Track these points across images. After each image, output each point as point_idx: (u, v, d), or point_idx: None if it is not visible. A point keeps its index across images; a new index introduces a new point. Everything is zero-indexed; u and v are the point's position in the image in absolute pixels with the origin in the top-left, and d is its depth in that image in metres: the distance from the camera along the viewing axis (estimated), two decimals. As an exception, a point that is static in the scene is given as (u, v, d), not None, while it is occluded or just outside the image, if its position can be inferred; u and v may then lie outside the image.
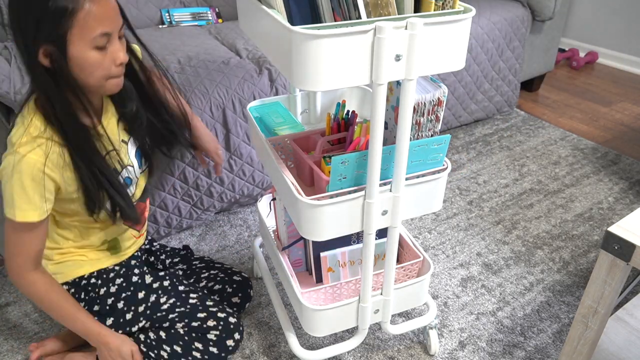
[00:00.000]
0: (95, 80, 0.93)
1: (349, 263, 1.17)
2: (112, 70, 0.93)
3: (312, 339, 1.33)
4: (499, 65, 2.20)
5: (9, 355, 1.31)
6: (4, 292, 1.51)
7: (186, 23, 2.05)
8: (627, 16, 2.85)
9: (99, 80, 0.93)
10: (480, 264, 1.56)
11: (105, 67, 0.92)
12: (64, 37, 0.86)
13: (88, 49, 0.88)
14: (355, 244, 1.17)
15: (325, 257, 1.15)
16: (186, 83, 1.52)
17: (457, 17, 0.78)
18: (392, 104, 1.00)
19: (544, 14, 2.24)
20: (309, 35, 0.71)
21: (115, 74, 0.94)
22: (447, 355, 1.28)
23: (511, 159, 2.09)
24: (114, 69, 0.93)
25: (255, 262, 1.49)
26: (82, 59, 0.89)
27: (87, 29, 0.86)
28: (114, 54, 0.92)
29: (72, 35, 0.86)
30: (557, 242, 1.65)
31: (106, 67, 0.92)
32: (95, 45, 0.89)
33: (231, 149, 1.60)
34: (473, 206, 1.82)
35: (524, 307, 1.41)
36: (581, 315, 0.86)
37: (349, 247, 1.15)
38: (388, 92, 0.99)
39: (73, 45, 0.87)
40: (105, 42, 0.90)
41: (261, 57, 1.67)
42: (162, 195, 1.56)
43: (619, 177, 1.96)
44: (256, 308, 1.42)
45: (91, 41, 0.88)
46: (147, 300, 1.16)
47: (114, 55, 0.92)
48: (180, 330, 1.15)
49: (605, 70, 2.98)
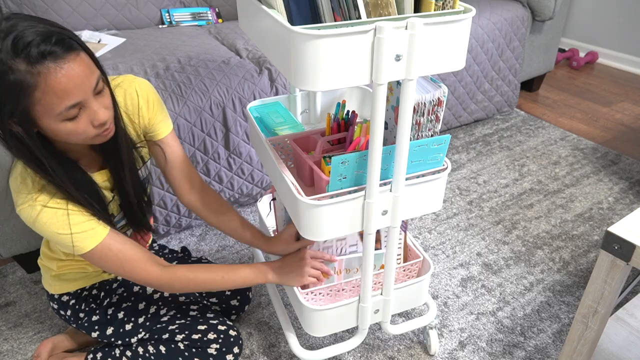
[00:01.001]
0: (76, 142, 0.85)
1: (345, 271, 1.16)
2: (91, 131, 0.84)
3: (312, 339, 1.33)
4: (499, 65, 2.20)
5: (9, 355, 1.31)
6: (4, 292, 1.51)
7: (186, 23, 2.05)
8: (627, 16, 2.85)
9: (81, 141, 0.86)
10: (480, 264, 1.56)
11: (82, 132, 0.83)
12: (28, 114, 0.77)
13: (57, 122, 0.80)
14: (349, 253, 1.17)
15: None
16: (186, 82, 1.52)
17: (457, 17, 0.78)
18: (392, 104, 1.00)
19: (544, 14, 2.24)
20: (309, 36, 0.71)
21: (96, 133, 0.86)
22: (447, 355, 1.28)
23: (511, 159, 2.09)
24: (92, 131, 0.84)
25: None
26: (54, 132, 0.81)
27: (50, 107, 0.77)
28: (90, 115, 0.83)
29: (36, 112, 0.77)
30: (557, 242, 1.65)
31: (83, 132, 0.83)
32: (65, 119, 0.80)
33: (230, 147, 1.60)
34: (473, 206, 1.82)
35: (524, 307, 1.41)
36: (581, 315, 0.86)
37: (345, 256, 1.15)
38: (388, 92, 0.99)
39: (41, 121, 0.79)
40: (76, 112, 0.80)
41: (261, 57, 1.67)
42: (161, 194, 1.56)
43: (619, 177, 1.96)
44: (256, 308, 1.42)
45: (58, 116, 0.79)
46: (147, 312, 1.16)
47: (91, 117, 0.83)
48: (180, 345, 1.12)
49: (605, 70, 2.98)
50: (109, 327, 1.14)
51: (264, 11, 0.82)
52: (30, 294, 1.49)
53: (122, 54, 1.66)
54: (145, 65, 1.57)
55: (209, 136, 1.56)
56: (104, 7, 1.95)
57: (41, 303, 1.46)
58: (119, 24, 1.99)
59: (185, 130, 1.50)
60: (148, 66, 1.56)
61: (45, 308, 1.44)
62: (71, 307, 1.15)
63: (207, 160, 1.59)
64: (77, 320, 1.15)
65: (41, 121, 0.79)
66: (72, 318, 1.16)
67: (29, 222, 0.89)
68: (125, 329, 1.14)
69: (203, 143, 1.56)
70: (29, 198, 0.87)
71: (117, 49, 1.71)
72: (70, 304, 1.15)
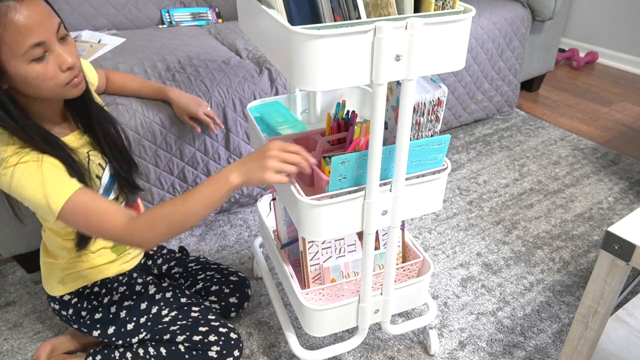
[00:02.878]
0: (48, 91, 0.87)
1: (353, 274, 1.16)
2: (60, 77, 0.86)
3: (312, 339, 1.33)
4: (499, 65, 2.20)
5: (9, 355, 1.31)
6: (4, 292, 1.51)
7: (186, 23, 2.05)
8: (627, 16, 2.85)
9: (52, 90, 0.87)
10: (480, 264, 1.56)
11: (51, 76, 0.85)
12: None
13: (25, 64, 0.82)
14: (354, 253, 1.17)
15: (329, 267, 1.14)
16: (187, 82, 1.52)
17: (457, 17, 0.78)
18: (392, 104, 1.00)
19: (544, 14, 2.24)
20: (309, 36, 0.71)
21: (66, 79, 0.87)
22: (447, 355, 1.28)
23: (511, 159, 2.09)
24: (62, 76, 0.86)
25: (255, 262, 1.49)
26: (22, 76, 0.83)
27: (14, 45, 0.80)
28: (57, 59, 0.85)
29: (3, 54, 0.80)
30: (557, 242, 1.65)
31: (52, 76, 0.85)
32: (31, 59, 0.82)
33: (230, 147, 1.60)
34: (473, 206, 1.82)
35: (524, 307, 1.41)
36: (581, 315, 0.86)
37: (352, 258, 1.15)
38: (388, 92, 0.99)
39: (8, 65, 0.81)
40: (41, 52, 0.83)
41: (261, 57, 1.67)
42: (161, 194, 1.56)
43: (619, 177, 1.96)
44: (256, 308, 1.42)
45: (24, 56, 0.81)
46: (149, 312, 1.16)
47: (59, 61, 0.85)
48: (181, 347, 1.12)
49: (605, 70, 2.98)
50: (111, 326, 1.14)
51: (263, 11, 0.82)
52: (30, 294, 1.49)
53: (122, 54, 1.66)
54: (146, 65, 1.57)
55: (210, 137, 1.56)
56: (104, 7, 1.95)
57: (41, 303, 1.46)
58: (119, 24, 1.99)
59: (186, 130, 1.50)
60: (148, 66, 1.56)
61: (45, 308, 1.44)
62: (73, 305, 1.14)
63: (207, 161, 1.59)
64: (79, 319, 1.15)
65: (9, 65, 0.82)
66: (73, 317, 1.15)
67: (6, 187, 0.88)
68: (127, 329, 1.14)
69: (203, 143, 1.56)
70: (3, 165, 0.87)
71: (117, 49, 1.71)
72: (72, 303, 1.14)
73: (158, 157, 1.51)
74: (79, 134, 1.03)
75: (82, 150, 1.01)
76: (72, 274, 1.13)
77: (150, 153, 1.49)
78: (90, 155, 1.02)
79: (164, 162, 1.52)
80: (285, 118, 1.20)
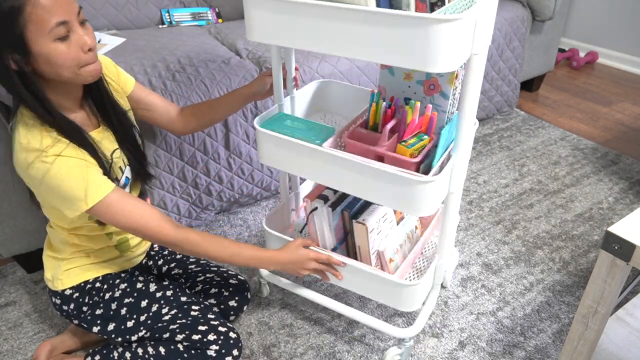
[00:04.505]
0: (69, 72, 0.91)
1: (399, 247, 1.24)
2: (82, 57, 0.91)
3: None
4: (499, 65, 2.20)
5: (9, 355, 1.31)
6: (4, 292, 1.51)
7: (186, 23, 2.05)
8: (627, 16, 2.85)
9: (72, 71, 0.91)
10: (480, 264, 1.56)
11: (74, 56, 0.90)
12: (22, 38, 0.85)
13: (49, 42, 0.87)
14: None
15: (384, 249, 1.19)
16: (187, 82, 1.52)
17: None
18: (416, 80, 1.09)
19: (544, 14, 2.24)
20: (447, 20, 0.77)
21: (86, 60, 0.92)
22: (447, 355, 1.28)
23: (511, 159, 2.09)
24: (83, 57, 0.91)
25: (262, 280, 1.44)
26: (47, 55, 0.88)
27: (41, 23, 0.85)
28: (79, 40, 0.90)
29: (29, 33, 0.85)
30: (557, 242, 1.65)
31: (75, 56, 0.90)
32: (56, 37, 0.87)
33: (230, 147, 1.60)
34: (473, 206, 1.82)
35: (524, 307, 1.41)
36: (581, 315, 0.86)
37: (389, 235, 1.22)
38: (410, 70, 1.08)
39: (34, 44, 0.86)
40: (65, 31, 0.88)
41: (261, 57, 1.67)
42: (161, 194, 1.56)
43: (619, 177, 1.96)
44: (256, 308, 1.42)
45: (50, 34, 0.86)
46: (149, 310, 1.16)
47: (80, 42, 0.90)
48: (180, 346, 1.12)
49: (605, 70, 2.98)
50: (111, 322, 1.15)
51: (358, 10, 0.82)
52: (30, 294, 1.49)
53: (122, 54, 1.66)
54: (146, 65, 1.57)
55: (209, 136, 1.56)
56: (104, 7, 1.95)
57: (41, 303, 1.46)
58: (119, 24, 1.99)
59: (185, 130, 1.50)
60: (148, 66, 1.56)
61: (45, 308, 1.44)
62: (74, 300, 1.15)
63: (207, 161, 1.59)
64: (80, 314, 1.15)
65: (35, 44, 0.86)
66: (74, 312, 1.16)
67: (39, 178, 0.92)
68: (127, 326, 1.14)
69: (203, 143, 1.56)
70: (40, 154, 0.91)
71: (117, 49, 1.71)
72: (74, 298, 1.15)
73: (158, 157, 1.51)
74: (101, 131, 1.07)
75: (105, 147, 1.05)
76: (75, 269, 1.14)
77: (150, 153, 1.49)
78: (114, 157, 1.07)
79: (164, 161, 1.52)
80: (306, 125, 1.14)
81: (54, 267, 1.15)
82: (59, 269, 1.14)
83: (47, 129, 0.93)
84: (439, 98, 1.09)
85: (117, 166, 1.09)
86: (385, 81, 1.15)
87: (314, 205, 1.18)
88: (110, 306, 1.15)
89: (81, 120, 1.02)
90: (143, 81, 1.49)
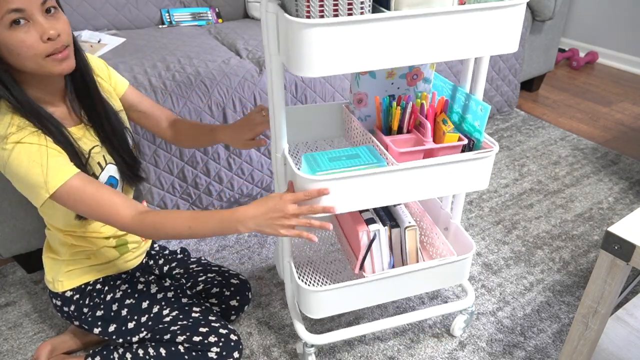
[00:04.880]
0: (31, 62, 0.88)
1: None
2: (41, 47, 0.87)
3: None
4: (499, 65, 2.20)
5: (9, 355, 1.31)
6: (4, 292, 1.51)
7: (186, 23, 2.05)
8: (627, 16, 2.85)
9: (35, 61, 0.88)
10: (480, 264, 1.56)
11: (30, 44, 0.86)
12: None
13: (4, 29, 0.84)
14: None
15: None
16: (187, 81, 1.52)
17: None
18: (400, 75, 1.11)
19: (544, 14, 2.24)
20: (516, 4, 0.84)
21: (46, 50, 0.88)
22: (447, 355, 1.28)
23: (511, 159, 2.09)
24: (42, 46, 0.87)
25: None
26: (5, 43, 0.85)
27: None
28: (38, 29, 0.86)
29: None
30: (557, 242, 1.65)
31: (31, 45, 0.86)
32: (9, 23, 0.84)
33: (230, 148, 1.60)
34: (473, 206, 1.82)
35: (524, 307, 1.41)
36: (581, 315, 0.86)
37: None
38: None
39: None
40: (16, 17, 0.84)
41: (261, 57, 1.67)
42: (161, 194, 1.56)
43: (619, 177, 1.96)
44: (256, 308, 1.42)
45: (2, 20, 0.83)
46: (150, 311, 1.16)
47: (39, 31, 0.86)
48: (181, 347, 1.12)
49: (605, 70, 2.98)
50: (112, 323, 1.14)
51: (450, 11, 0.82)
52: (30, 294, 1.49)
53: (122, 54, 1.66)
54: (146, 65, 1.57)
55: (209, 136, 1.56)
56: (104, 7, 1.95)
57: (41, 303, 1.46)
58: (119, 24, 1.99)
59: (185, 130, 1.50)
60: (148, 66, 1.56)
61: (45, 308, 1.44)
62: (75, 302, 1.15)
63: (207, 160, 1.59)
64: (81, 315, 1.15)
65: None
66: (75, 313, 1.16)
67: (2, 166, 0.90)
68: (128, 327, 1.14)
69: (203, 143, 1.56)
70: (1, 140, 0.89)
71: (117, 49, 1.71)
72: (74, 299, 1.15)
73: (158, 156, 1.51)
74: (82, 128, 1.05)
75: (85, 144, 1.02)
76: (75, 270, 1.13)
77: (149, 153, 1.49)
78: (92, 153, 1.03)
79: (164, 162, 1.52)
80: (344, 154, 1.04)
81: (54, 268, 1.14)
82: (59, 270, 1.14)
83: (18, 117, 0.91)
84: (422, 84, 1.13)
85: (95, 161, 1.05)
86: (366, 86, 1.12)
87: (373, 233, 1.08)
88: (111, 307, 1.15)
89: (60, 115, 1.00)
90: (143, 81, 1.49)
